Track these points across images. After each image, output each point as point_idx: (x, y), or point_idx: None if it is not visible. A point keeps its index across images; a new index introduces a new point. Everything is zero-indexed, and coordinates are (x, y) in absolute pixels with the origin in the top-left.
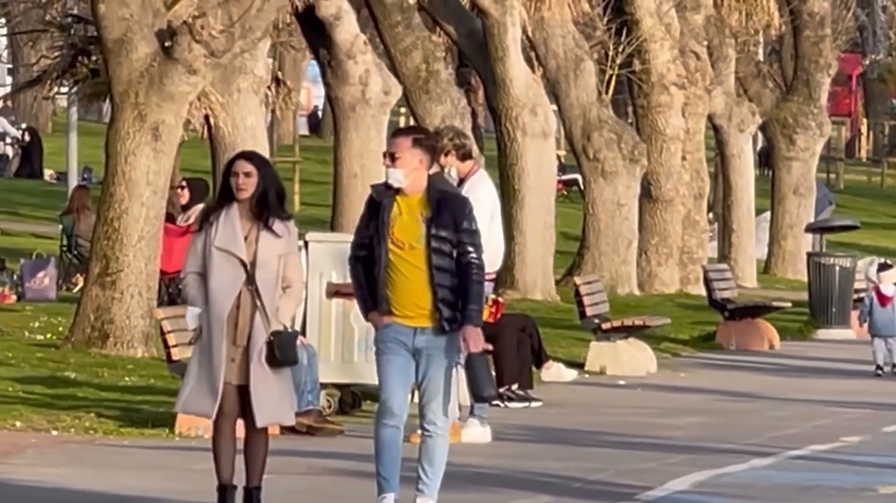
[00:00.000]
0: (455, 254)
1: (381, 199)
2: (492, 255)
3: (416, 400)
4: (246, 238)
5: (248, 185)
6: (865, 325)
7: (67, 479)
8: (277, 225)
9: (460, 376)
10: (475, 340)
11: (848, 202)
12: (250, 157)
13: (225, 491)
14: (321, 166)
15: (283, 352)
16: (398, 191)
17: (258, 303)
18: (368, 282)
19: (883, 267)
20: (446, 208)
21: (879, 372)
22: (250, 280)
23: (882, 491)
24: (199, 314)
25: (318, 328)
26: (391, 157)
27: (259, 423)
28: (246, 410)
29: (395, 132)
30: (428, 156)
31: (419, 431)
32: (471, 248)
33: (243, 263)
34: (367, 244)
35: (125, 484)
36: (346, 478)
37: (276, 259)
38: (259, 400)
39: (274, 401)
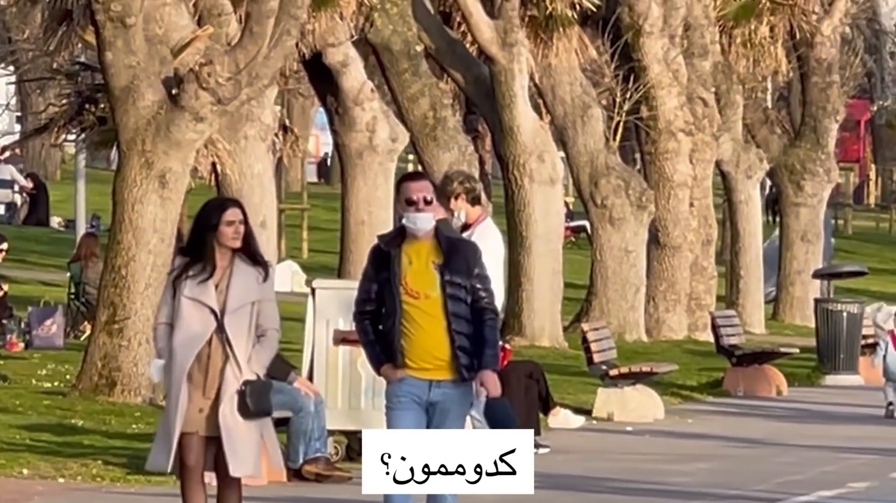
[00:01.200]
0: (469, 300)
1: (390, 250)
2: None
3: None
4: (217, 286)
5: (241, 232)
6: (879, 369)
7: None
8: (256, 269)
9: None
10: (493, 385)
11: (856, 248)
12: (238, 203)
13: None
14: (330, 213)
15: (255, 401)
16: (404, 239)
17: (229, 351)
18: (378, 336)
19: None
20: (458, 254)
21: (892, 407)
22: (220, 328)
23: None
24: (163, 367)
25: (325, 375)
26: (424, 200)
27: (233, 473)
28: (218, 462)
29: (412, 176)
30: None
31: None
32: (484, 294)
33: (213, 312)
34: (373, 299)
35: None
36: None
37: (250, 306)
38: (234, 449)
39: (251, 451)
